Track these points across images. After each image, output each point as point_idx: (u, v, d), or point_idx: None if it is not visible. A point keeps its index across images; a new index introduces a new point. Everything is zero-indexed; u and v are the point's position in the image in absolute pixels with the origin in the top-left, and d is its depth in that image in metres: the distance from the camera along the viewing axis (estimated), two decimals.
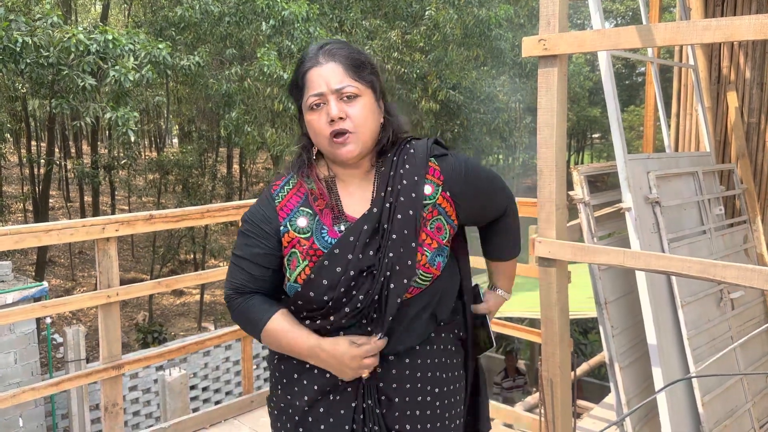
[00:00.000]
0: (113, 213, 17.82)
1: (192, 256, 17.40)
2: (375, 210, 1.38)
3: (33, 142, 20.03)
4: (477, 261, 3.33)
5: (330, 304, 1.35)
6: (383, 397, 1.41)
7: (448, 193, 1.42)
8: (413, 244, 1.36)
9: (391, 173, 1.40)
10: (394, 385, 1.40)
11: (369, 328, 1.37)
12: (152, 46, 9.15)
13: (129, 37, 8.99)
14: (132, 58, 8.79)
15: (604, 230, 3.25)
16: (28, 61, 8.13)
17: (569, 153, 36.28)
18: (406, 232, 1.36)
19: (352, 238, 1.36)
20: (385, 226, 1.36)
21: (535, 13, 16.33)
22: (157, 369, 8.10)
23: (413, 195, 1.38)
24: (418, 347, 1.42)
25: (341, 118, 1.34)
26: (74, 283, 16.10)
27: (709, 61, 4.21)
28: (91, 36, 8.41)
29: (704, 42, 2.02)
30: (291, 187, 1.45)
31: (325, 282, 1.34)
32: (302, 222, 1.40)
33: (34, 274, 13.70)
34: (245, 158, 20.13)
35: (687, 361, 3.04)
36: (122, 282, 2.74)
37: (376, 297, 1.35)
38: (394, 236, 1.35)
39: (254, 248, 1.42)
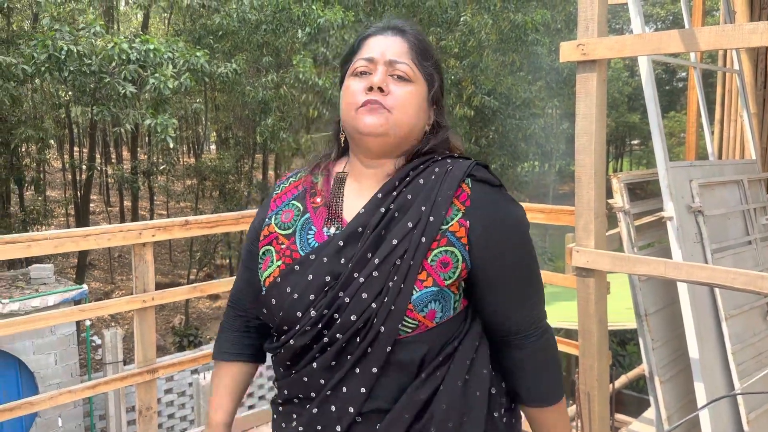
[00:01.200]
0: (152, 218, 18.19)
1: (228, 261, 17.62)
2: (362, 211, 1.13)
3: (75, 148, 20.61)
4: (546, 276, 3.29)
5: (281, 314, 1.12)
6: None
7: (468, 223, 1.10)
8: (402, 285, 1.06)
9: (407, 177, 1.14)
10: None
11: (339, 374, 1.09)
12: (190, 54, 9.33)
13: (168, 46, 9.19)
14: (171, 66, 8.97)
15: (645, 240, 3.16)
16: (72, 69, 8.37)
17: (608, 159, 35.69)
18: (398, 263, 1.07)
19: (333, 247, 1.12)
20: (368, 231, 1.10)
21: (572, 17, 16.13)
22: (192, 372, 8.20)
23: (431, 219, 1.09)
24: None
25: (381, 90, 1.12)
26: (113, 286, 16.45)
27: (754, 66, 4.08)
28: (132, 45, 8.62)
29: (751, 45, 1.95)
30: (296, 179, 1.27)
31: (288, 290, 1.11)
32: (286, 216, 1.20)
33: (75, 276, 14.04)
34: (280, 165, 20.32)
35: (731, 377, 2.93)
36: (161, 286, 2.78)
37: (333, 318, 1.08)
38: (376, 260, 1.07)
39: (250, 246, 1.24)
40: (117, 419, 7.67)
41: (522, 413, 1.27)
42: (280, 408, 1.20)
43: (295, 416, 1.15)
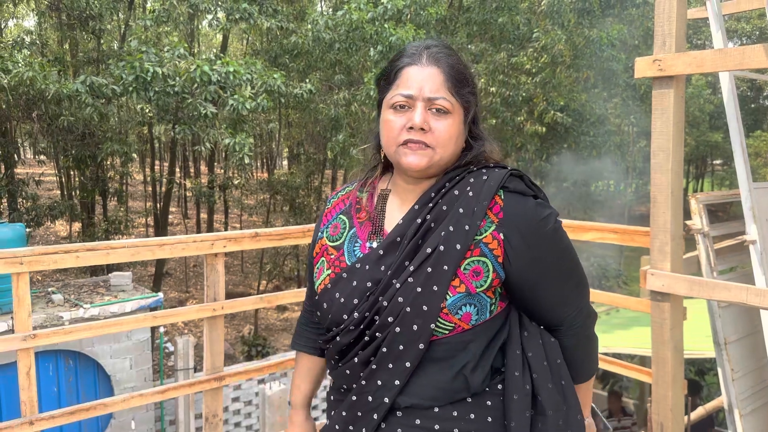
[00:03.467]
0: (226, 230, 18.79)
1: (296, 273, 17.95)
2: (401, 222, 1.22)
3: (156, 162, 21.58)
4: (596, 295, 3.20)
5: (330, 316, 1.24)
6: None
7: (501, 236, 1.17)
8: (435, 288, 1.14)
9: (443, 189, 1.22)
10: None
11: (374, 366, 1.18)
12: (268, 75, 9.62)
13: (247, 67, 9.51)
14: (249, 88, 9.28)
15: (725, 264, 3.00)
16: (156, 89, 8.79)
17: (687, 180, 34.27)
18: (430, 270, 1.15)
19: (374, 255, 1.23)
20: (405, 241, 1.19)
21: (650, 33, 15.65)
22: (259, 382, 8.37)
23: (466, 227, 1.16)
24: (437, 409, 1.17)
25: (422, 129, 1.18)
26: (188, 295, 17.05)
27: None
28: (213, 67, 8.98)
29: None
30: (344, 193, 1.38)
31: (337, 295, 1.23)
32: (334, 230, 1.32)
33: (152, 285, 14.64)
34: (348, 180, 20.60)
35: None
36: (232, 295, 2.85)
37: (374, 320, 1.18)
38: (411, 268, 1.16)
39: (310, 258, 1.36)
40: (186, 425, 7.90)
41: None
42: (332, 397, 1.33)
43: (340, 403, 1.27)
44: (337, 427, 1.25)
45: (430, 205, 1.21)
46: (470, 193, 1.19)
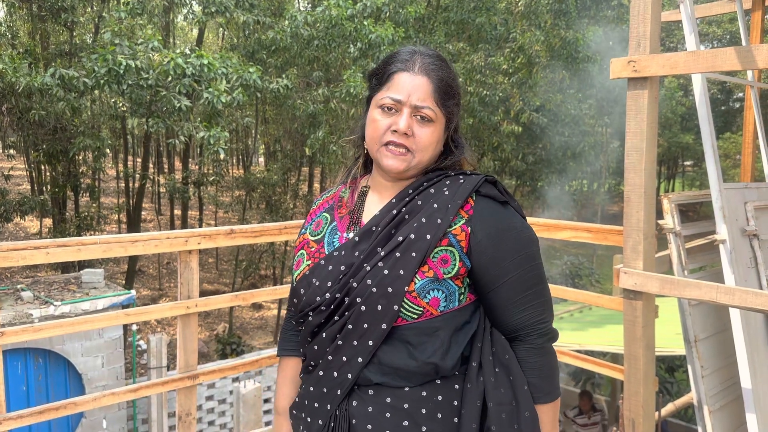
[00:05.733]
0: (201, 227, 18.58)
1: (272, 271, 17.84)
2: (378, 213, 1.32)
3: (129, 158, 21.26)
4: (569, 293, 3.20)
5: (305, 299, 1.31)
6: None
7: (469, 229, 1.27)
8: (402, 272, 1.22)
9: (420, 187, 1.32)
10: (369, 426, 1.23)
11: (340, 342, 1.25)
12: (243, 69, 9.54)
13: (222, 61, 9.41)
14: (224, 81, 9.19)
15: (696, 263, 3.06)
16: (130, 82, 8.66)
17: (659, 180, 34.83)
18: (398, 255, 1.23)
19: (350, 243, 1.31)
20: (379, 229, 1.28)
21: (625, 36, 15.87)
22: (233, 380, 8.30)
23: (438, 221, 1.25)
24: (407, 389, 1.24)
25: (406, 134, 1.28)
26: (161, 292, 16.84)
27: None
28: (188, 60, 8.87)
29: None
30: (329, 194, 1.48)
31: (314, 280, 1.30)
32: (317, 225, 1.41)
33: (124, 282, 14.43)
34: (326, 178, 20.54)
35: None
36: (206, 293, 2.81)
37: (344, 300, 1.25)
38: (382, 253, 1.24)
39: (293, 263, 1.42)
40: (159, 424, 7.80)
41: None
42: (302, 375, 1.39)
43: (308, 380, 1.33)
44: (306, 402, 1.31)
45: (407, 199, 1.31)
46: (446, 192, 1.29)
